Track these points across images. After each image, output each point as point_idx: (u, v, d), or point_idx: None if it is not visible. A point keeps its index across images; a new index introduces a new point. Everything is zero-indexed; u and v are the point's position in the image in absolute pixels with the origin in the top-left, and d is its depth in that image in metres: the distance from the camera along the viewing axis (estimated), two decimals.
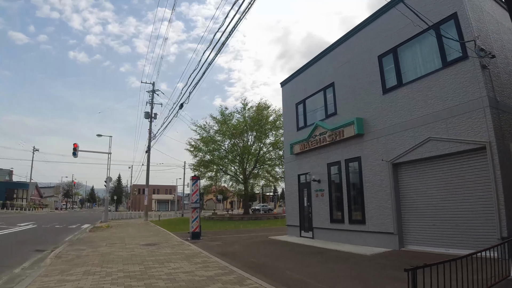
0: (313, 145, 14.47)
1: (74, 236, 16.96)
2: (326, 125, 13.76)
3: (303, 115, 15.99)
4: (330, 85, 14.32)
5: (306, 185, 15.25)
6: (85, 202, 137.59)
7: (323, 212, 13.89)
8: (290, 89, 17.48)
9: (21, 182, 78.25)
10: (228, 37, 10.58)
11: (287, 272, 7.84)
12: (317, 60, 15.47)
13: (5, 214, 44.49)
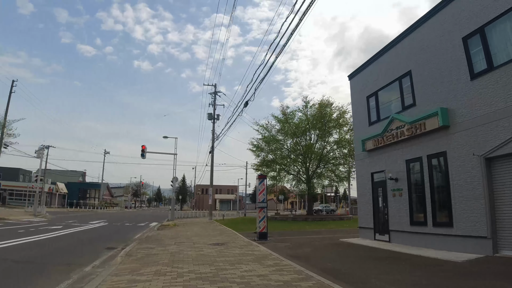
0: (388, 140, 13.33)
1: (143, 234, 17.19)
2: (404, 118, 12.57)
3: (376, 108, 14.85)
4: (406, 74, 13.10)
5: (380, 184, 14.12)
6: (152, 201, 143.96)
7: (401, 213, 12.71)
8: (360, 81, 16.39)
9: (94, 182, 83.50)
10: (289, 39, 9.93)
11: (371, 280, 6.99)
12: (389, 48, 14.28)
13: (79, 213, 47.29)
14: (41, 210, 34.30)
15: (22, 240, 12.59)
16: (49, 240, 13.36)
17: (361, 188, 15.75)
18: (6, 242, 11.82)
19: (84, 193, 78.15)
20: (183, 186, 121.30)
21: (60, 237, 14.59)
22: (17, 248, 10.84)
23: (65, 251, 11.09)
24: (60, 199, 70.62)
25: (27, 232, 16.00)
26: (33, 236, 14.16)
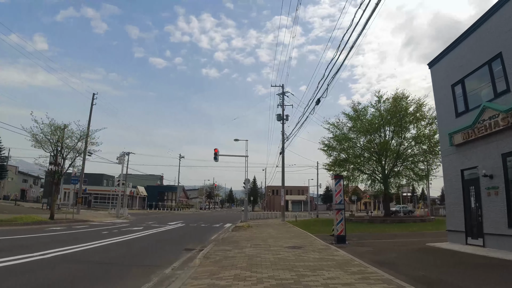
0: (480, 132, 11.95)
1: (218, 236, 17.29)
2: (498, 106, 11.15)
3: (463, 97, 13.42)
4: (496, 57, 11.61)
5: (472, 182, 12.72)
6: (225, 203, 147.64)
7: (498, 214, 11.29)
8: (442, 69, 14.98)
9: (170, 185, 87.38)
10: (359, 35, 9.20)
11: None
12: (473, 30, 12.81)
13: (158, 214, 49.59)
14: (123, 212, 36.37)
15: (105, 242, 13.16)
16: (130, 241, 13.87)
17: (449, 187, 14.36)
18: (90, 243, 12.40)
19: (162, 196, 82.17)
20: (254, 188, 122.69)
21: (141, 238, 15.11)
22: (100, 250, 11.29)
23: (145, 252, 11.36)
24: (141, 202, 74.84)
25: (110, 233, 16.82)
26: (115, 237, 14.80)
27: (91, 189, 68.83)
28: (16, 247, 10.64)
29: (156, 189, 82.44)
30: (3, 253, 9.06)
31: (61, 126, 23.57)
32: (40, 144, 23.34)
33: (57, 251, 10.07)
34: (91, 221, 25.73)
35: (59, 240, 13.34)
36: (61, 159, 24.27)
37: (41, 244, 11.74)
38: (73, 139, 24.51)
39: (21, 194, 75.16)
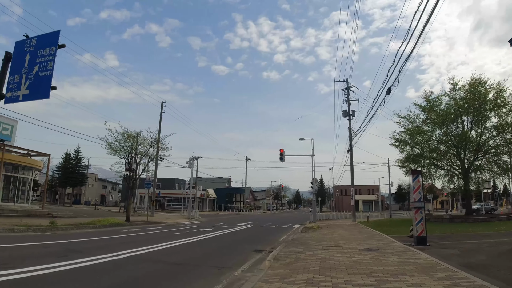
0: None
1: (287, 237, 16.93)
2: None
3: None
4: None
5: None
6: (292, 204, 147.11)
7: None
8: None
9: (238, 187, 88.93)
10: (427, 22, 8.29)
11: None
12: None
13: (226, 215, 50.40)
14: (194, 214, 37.41)
15: (176, 243, 13.37)
16: (200, 242, 14.00)
17: None
18: (162, 244, 12.63)
19: (230, 198, 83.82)
20: (321, 188, 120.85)
21: (211, 239, 15.22)
22: (171, 250, 11.44)
23: (215, 253, 11.32)
24: (210, 204, 76.95)
25: (182, 234, 17.17)
26: (186, 238, 15.03)
27: (164, 192, 72.02)
28: (92, 248, 11.11)
29: (224, 191, 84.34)
30: (79, 254, 9.44)
31: (133, 133, 24.70)
32: (115, 152, 24.64)
33: (130, 252, 10.33)
34: (164, 223, 26.65)
35: (133, 241, 13.80)
36: (135, 165, 25.46)
37: (115, 245, 12.19)
38: (145, 145, 25.60)
39: (100, 199, 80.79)
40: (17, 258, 8.42)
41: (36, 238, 13.07)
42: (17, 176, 25.95)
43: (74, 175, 63.39)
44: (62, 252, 9.83)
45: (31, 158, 27.40)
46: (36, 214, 23.53)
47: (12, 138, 26.49)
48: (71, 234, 15.87)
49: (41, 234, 15.09)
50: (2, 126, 25.86)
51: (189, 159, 38.39)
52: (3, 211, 21.72)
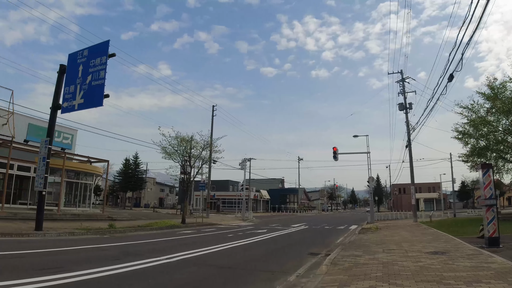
0: None
1: (344, 238, 16.21)
2: None
3: None
4: None
5: None
6: (347, 203, 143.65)
7: None
8: None
9: (291, 188, 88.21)
10: None
11: None
12: None
13: (280, 216, 49.94)
14: (248, 215, 37.38)
15: (230, 245, 13.14)
16: (254, 244, 13.68)
17: None
18: (215, 246, 12.45)
19: (284, 198, 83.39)
20: (378, 187, 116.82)
21: (265, 241, 14.88)
22: (224, 253, 11.20)
23: (269, 256, 10.94)
24: (264, 205, 76.98)
25: (235, 236, 16.99)
26: (240, 240, 14.79)
27: (218, 194, 73.15)
28: (147, 251, 11.13)
29: (278, 192, 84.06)
30: (133, 257, 9.43)
31: (186, 137, 25.03)
32: (169, 156, 25.10)
33: (183, 254, 10.22)
34: (218, 224, 26.77)
35: (187, 243, 13.80)
36: (189, 168, 25.80)
37: (170, 247, 12.16)
38: (198, 148, 25.85)
39: (159, 202, 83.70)
40: (72, 261, 8.53)
41: (94, 241, 13.40)
42: (79, 182, 27.25)
43: (133, 179, 66.03)
44: (117, 255, 9.90)
45: (91, 164, 28.67)
46: (97, 217, 24.49)
47: (72, 147, 27.93)
48: (129, 237, 16.18)
49: (100, 237, 15.48)
50: (62, 135, 27.32)
51: (242, 161, 38.50)
52: (66, 215, 22.78)
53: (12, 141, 20.97)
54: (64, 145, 27.17)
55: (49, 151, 16.45)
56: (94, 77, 15.36)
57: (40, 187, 16.13)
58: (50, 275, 6.59)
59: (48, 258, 9.00)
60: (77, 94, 15.82)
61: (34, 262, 8.21)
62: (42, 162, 16.36)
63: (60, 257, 9.30)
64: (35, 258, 8.94)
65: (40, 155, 16.65)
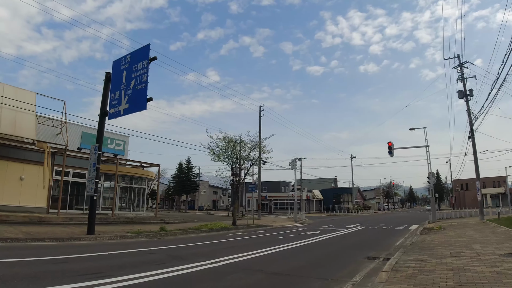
0: None
1: (405, 240, 15.00)
2: None
3: None
4: None
5: None
6: (405, 202, 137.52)
7: None
8: None
9: (345, 187, 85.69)
10: None
11: None
12: None
13: (334, 217, 48.48)
14: (301, 216, 36.48)
15: (280, 248, 12.47)
16: (306, 247, 12.92)
17: None
18: (265, 250, 11.85)
19: (337, 198, 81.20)
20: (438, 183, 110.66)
21: (318, 244, 14.06)
22: (273, 257, 10.55)
23: (321, 261, 10.14)
24: (317, 205, 75.45)
25: (286, 238, 16.30)
26: (291, 242, 14.09)
27: (270, 195, 72.70)
28: (194, 254, 10.78)
29: (331, 192, 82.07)
30: (179, 261, 9.06)
31: (233, 138, 24.74)
32: (218, 157, 24.91)
33: (230, 258, 9.72)
34: (270, 226, 26.19)
35: (235, 246, 13.32)
36: (237, 169, 25.47)
37: (217, 250, 11.75)
38: (246, 149, 25.46)
39: (212, 204, 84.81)
40: (115, 266, 8.27)
41: (143, 244, 13.27)
42: (132, 187, 27.86)
43: (186, 183, 67.36)
44: (163, 259, 9.59)
45: (143, 169, 29.23)
46: (150, 220, 24.80)
47: (125, 152, 28.65)
48: (178, 239, 16.02)
49: (150, 240, 15.45)
50: (115, 142, 28.09)
51: (292, 160, 37.65)
52: (120, 219, 23.23)
53: (66, 149, 21.67)
54: (117, 151, 27.92)
55: (98, 156, 16.63)
56: (137, 81, 15.36)
57: (91, 192, 16.34)
58: (87, 281, 6.30)
59: (92, 263, 8.79)
60: (122, 99, 15.90)
61: (76, 267, 8.02)
62: (93, 167, 16.59)
63: (104, 262, 9.08)
64: (78, 263, 8.77)
65: (90, 161, 16.92)
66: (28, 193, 22.21)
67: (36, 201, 22.69)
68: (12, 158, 22.18)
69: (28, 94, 22.53)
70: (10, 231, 14.41)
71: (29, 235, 13.67)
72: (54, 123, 23.68)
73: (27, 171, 22.46)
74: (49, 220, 19.75)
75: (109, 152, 27.09)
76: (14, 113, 20.32)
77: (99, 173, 16.69)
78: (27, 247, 11.38)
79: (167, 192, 75.60)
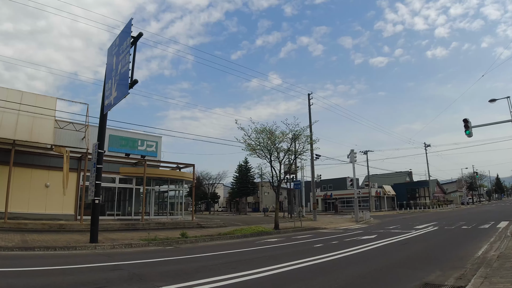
0: None
1: (490, 247, 10.58)
2: None
3: None
4: None
5: None
6: (492, 193, 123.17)
7: None
8: None
9: (421, 181, 77.49)
10: None
11: None
12: None
13: (407, 215, 42.79)
14: (364, 216, 31.97)
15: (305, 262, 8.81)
16: (340, 262, 9.06)
17: None
18: (284, 265, 8.26)
19: (413, 193, 73.51)
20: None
21: (362, 256, 10.14)
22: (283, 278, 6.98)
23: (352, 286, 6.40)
24: (389, 202, 68.87)
25: (325, 247, 12.51)
26: (326, 254, 10.28)
27: (336, 194, 67.78)
28: (193, 269, 8.27)
29: (404, 187, 74.59)
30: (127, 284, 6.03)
31: (266, 127, 21.28)
32: (254, 151, 21.65)
33: (232, 277, 7.04)
34: (321, 229, 22.36)
35: (255, 258, 10.28)
36: (277, 164, 21.97)
37: (227, 264, 8.92)
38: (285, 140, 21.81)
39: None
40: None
41: (146, 255, 11.04)
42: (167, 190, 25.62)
43: (246, 185, 65.07)
44: (112, 279, 6.80)
45: (180, 170, 26.91)
46: (184, 225, 22.26)
47: (158, 154, 26.53)
48: (196, 248, 13.43)
49: (162, 249, 13.23)
50: (146, 143, 26.07)
51: (349, 152, 33.11)
52: (149, 225, 21.03)
53: (87, 152, 19.91)
54: (148, 153, 25.91)
55: (99, 156, 14.28)
56: (123, 63, 12.74)
57: (91, 196, 14.12)
58: None
59: (52, 279, 6.91)
60: (113, 88, 13.41)
61: None
62: (93, 168, 14.30)
63: (65, 278, 6.70)
64: (37, 278, 6.92)
65: (91, 161, 14.66)
66: (54, 200, 21.10)
67: (62, 208, 21.44)
68: (36, 166, 21.18)
69: (49, 99, 21.37)
70: (6, 239, 13.24)
71: (23, 243, 12.46)
72: (77, 127, 22.13)
73: (52, 178, 21.27)
74: (70, 227, 18.52)
75: (140, 154, 25.11)
76: (31, 119, 19.07)
77: (100, 174, 14.31)
78: None
79: (231, 195, 74.02)
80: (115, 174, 23.03)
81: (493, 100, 22.16)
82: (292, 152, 22.51)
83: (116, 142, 24.52)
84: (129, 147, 25.12)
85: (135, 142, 25.50)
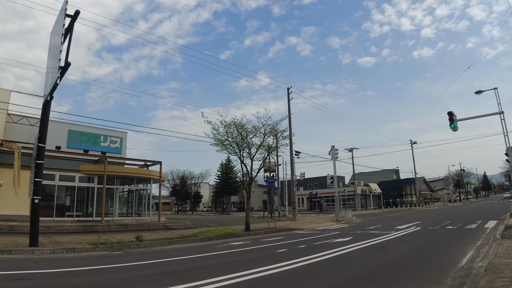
0: None
1: (477, 252, 9.06)
2: None
3: None
4: None
5: None
6: (479, 191, 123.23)
7: None
8: None
9: (408, 178, 76.56)
10: None
11: None
12: None
13: (392, 213, 41.44)
14: (346, 215, 30.51)
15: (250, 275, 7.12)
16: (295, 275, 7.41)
17: None
18: (221, 278, 6.57)
19: (399, 191, 72.49)
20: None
21: (326, 264, 8.50)
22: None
23: None
24: (375, 200, 67.69)
25: (288, 252, 10.87)
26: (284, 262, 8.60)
27: (321, 192, 66.34)
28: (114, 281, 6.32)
29: (390, 185, 73.50)
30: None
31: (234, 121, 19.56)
32: (225, 147, 19.96)
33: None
34: (297, 229, 20.78)
35: (207, 265, 8.63)
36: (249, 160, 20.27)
37: (159, 275, 7.14)
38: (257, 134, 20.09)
39: (263, 205, 79.91)
40: None
41: (83, 261, 9.64)
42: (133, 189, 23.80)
43: (228, 183, 63.32)
44: None
45: (148, 168, 25.07)
46: (149, 227, 20.52)
47: (122, 151, 24.68)
48: (149, 253, 12.08)
49: (108, 254, 11.90)
50: (109, 139, 24.22)
51: (330, 148, 31.55)
52: (109, 227, 19.26)
53: None
54: (112, 149, 24.04)
55: (40, 150, 12.50)
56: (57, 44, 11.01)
57: (31, 194, 12.37)
58: None
59: None
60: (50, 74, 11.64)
61: None
62: (33, 164, 12.54)
63: None
64: None
65: (32, 156, 12.89)
66: (8, 200, 19.04)
67: (17, 208, 19.46)
68: None
69: (2, 92, 19.44)
70: None
71: None
72: (32, 122, 20.22)
73: (6, 176, 19.24)
74: (21, 229, 16.63)
75: (102, 150, 23.16)
76: None
77: (41, 170, 12.57)
78: None
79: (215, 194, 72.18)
80: (74, 172, 21.11)
81: (479, 92, 20.74)
82: (266, 148, 20.82)
83: (76, 138, 22.62)
84: (90, 143, 23.22)
85: (97, 138, 23.60)
